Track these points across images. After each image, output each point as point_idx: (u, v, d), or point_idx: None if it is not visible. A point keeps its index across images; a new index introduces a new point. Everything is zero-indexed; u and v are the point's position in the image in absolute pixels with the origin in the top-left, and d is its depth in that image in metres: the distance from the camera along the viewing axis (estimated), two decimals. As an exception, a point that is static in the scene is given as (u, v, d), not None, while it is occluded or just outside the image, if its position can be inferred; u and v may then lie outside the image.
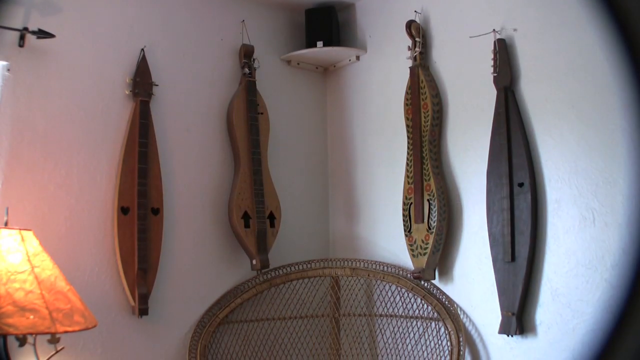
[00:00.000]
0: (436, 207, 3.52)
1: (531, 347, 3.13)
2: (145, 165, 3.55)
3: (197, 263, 3.81)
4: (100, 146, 3.52)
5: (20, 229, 2.87)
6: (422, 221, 3.57)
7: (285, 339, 3.90)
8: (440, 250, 3.54)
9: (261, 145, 3.94)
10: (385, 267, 3.80)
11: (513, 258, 3.15)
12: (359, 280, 3.90)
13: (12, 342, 2.87)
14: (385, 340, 3.78)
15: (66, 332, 2.76)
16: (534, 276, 3.12)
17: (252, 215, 3.84)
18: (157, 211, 3.59)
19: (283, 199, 4.02)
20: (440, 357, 3.51)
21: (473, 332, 3.44)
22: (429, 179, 3.57)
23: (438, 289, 3.60)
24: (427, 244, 3.52)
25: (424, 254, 3.54)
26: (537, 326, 3.10)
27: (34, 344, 2.90)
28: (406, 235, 3.66)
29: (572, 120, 3.03)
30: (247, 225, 3.83)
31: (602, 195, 2.89)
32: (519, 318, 3.13)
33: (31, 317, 2.69)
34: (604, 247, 2.86)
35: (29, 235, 2.88)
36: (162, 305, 3.62)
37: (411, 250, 3.62)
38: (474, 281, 3.45)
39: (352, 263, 3.87)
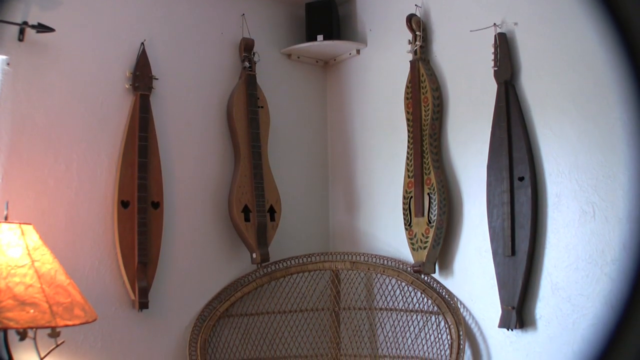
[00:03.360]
0: (436, 201, 3.52)
1: (531, 342, 3.13)
2: (146, 159, 3.55)
3: (197, 257, 3.81)
4: (100, 140, 3.52)
5: (20, 223, 2.86)
6: (422, 215, 3.56)
7: (286, 333, 3.90)
8: (440, 244, 3.53)
9: (261, 139, 3.94)
10: (386, 261, 3.80)
11: (513, 252, 3.15)
12: (359, 273, 3.90)
13: (12, 337, 2.88)
14: (385, 333, 3.78)
15: (66, 326, 2.76)
16: (534, 270, 3.12)
17: (252, 209, 3.84)
18: (157, 205, 3.59)
19: (283, 193, 4.02)
20: (440, 350, 3.51)
21: (473, 325, 3.44)
22: (429, 173, 3.57)
23: (438, 282, 3.60)
24: (427, 237, 3.52)
25: (424, 247, 3.53)
26: (537, 320, 3.10)
27: (35, 338, 2.90)
28: (406, 229, 3.66)
29: (573, 115, 3.03)
30: (247, 219, 3.83)
31: (603, 189, 2.89)
32: (519, 312, 3.13)
33: (31, 311, 2.69)
34: (604, 242, 2.86)
35: (29, 229, 2.88)
36: (163, 299, 3.63)
37: (411, 244, 3.62)
38: (474, 275, 3.44)
39: (352, 257, 3.88)
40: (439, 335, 3.54)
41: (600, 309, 2.80)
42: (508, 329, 3.19)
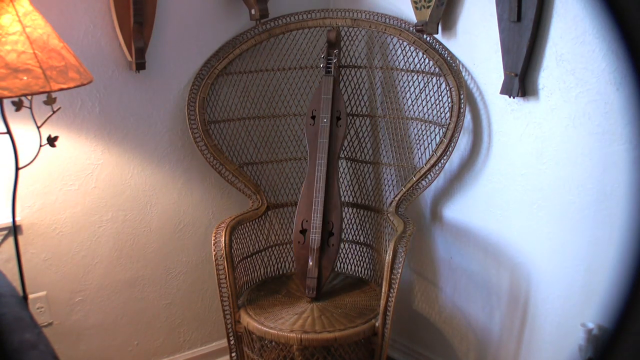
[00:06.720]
0: (443, -42, 3.34)
1: (532, 111, 3.10)
2: None
3: (194, 14, 3.65)
4: None
5: (6, -10, 2.74)
6: (428, -27, 3.40)
7: (285, 90, 3.88)
8: (444, 3, 3.39)
9: None
10: (387, 19, 3.67)
11: (519, 18, 3.03)
12: (360, 31, 3.79)
13: (9, 109, 2.85)
14: (385, 93, 3.75)
15: (61, 89, 2.73)
16: (540, 38, 3.00)
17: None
18: (149, -39, 3.41)
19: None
20: (440, 113, 3.50)
21: (474, 90, 3.39)
22: None
23: (440, 44, 3.50)
24: (431, -4, 3.39)
25: (428, 6, 3.40)
26: (540, 90, 3.05)
27: (31, 107, 2.89)
28: (410, -13, 3.51)
29: None
30: (244, -26, 3.67)
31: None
32: (521, 80, 3.06)
33: (25, 78, 2.65)
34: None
35: (17, -5, 2.76)
36: (160, 58, 3.55)
37: (414, 2, 3.48)
38: (477, 39, 3.33)
39: (353, 14, 3.75)
40: (440, 98, 3.51)
41: (605, 87, 2.75)
42: (510, 96, 3.15)
